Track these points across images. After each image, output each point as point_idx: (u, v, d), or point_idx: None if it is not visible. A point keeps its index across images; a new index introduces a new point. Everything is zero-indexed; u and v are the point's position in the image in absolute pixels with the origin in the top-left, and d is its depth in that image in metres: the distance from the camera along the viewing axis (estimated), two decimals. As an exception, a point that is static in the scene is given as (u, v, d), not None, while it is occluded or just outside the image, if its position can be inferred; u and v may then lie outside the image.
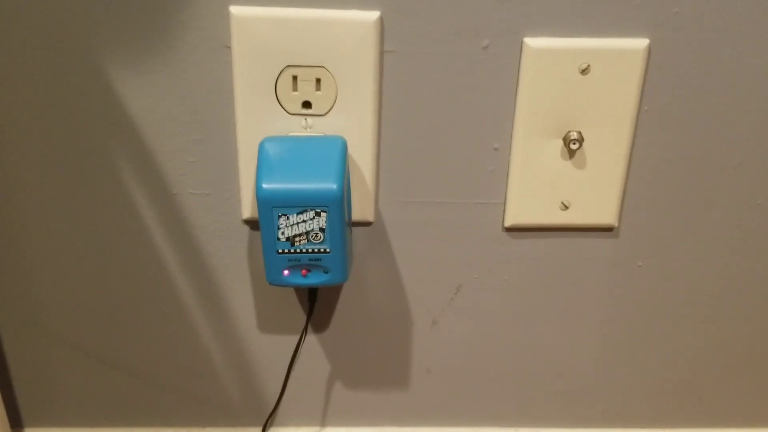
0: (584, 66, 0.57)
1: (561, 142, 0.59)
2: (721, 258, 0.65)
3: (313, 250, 0.56)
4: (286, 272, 0.58)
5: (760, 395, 0.72)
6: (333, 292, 0.65)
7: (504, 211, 0.62)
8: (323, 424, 0.72)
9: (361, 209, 0.61)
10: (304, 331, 0.66)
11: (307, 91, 0.57)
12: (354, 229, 0.63)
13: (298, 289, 0.65)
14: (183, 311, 0.65)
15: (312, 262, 0.57)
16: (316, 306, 0.66)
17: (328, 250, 0.56)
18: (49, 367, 0.68)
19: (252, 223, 0.62)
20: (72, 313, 0.65)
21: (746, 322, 0.68)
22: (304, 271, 0.58)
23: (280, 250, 0.55)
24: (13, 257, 0.62)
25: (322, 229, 0.55)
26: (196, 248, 0.63)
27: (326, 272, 0.58)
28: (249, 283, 0.64)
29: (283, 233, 0.55)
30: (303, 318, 0.66)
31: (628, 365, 0.70)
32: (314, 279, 0.59)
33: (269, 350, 0.67)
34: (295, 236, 0.55)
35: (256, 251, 0.63)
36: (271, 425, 0.72)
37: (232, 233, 0.62)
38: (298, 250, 0.56)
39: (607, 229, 0.63)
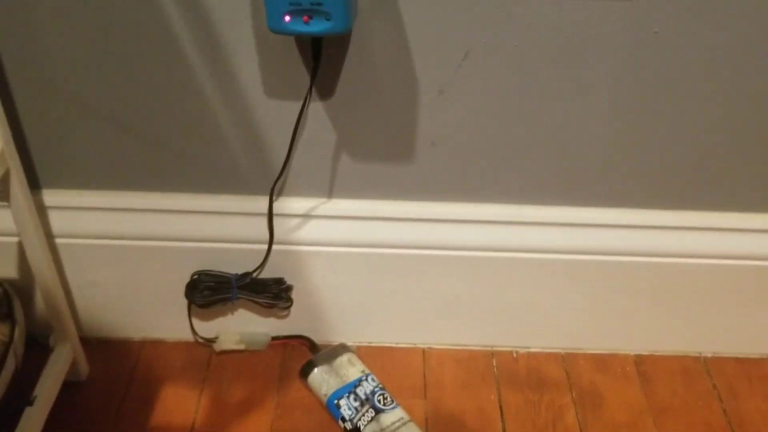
0: None
1: None
2: (741, 25, 0.62)
3: (314, -11, 0.55)
4: (287, 18, 0.57)
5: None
6: (337, 56, 0.64)
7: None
8: (330, 195, 0.74)
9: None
10: (309, 92, 0.66)
11: None
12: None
13: (303, 48, 0.64)
14: (188, 70, 0.65)
15: (313, 6, 0.56)
16: (320, 72, 0.65)
17: (329, -10, 0.55)
18: (63, 129, 0.69)
19: (254, -26, 0.60)
20: (82, 72, 0.65)
21: (764, 98, 0.66)
22: (305, 18, 0.57)
23: (281, -11, 0.54)
24: (22, 14, 0.62)
25: (322, -33, 0.54)
26: (200, 2, 0.62)
27: (328, 19, 0.57)
28: (253, 40, 0.64)
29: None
30: (307, 82, 0.66)
31: (637, 143, 0.69)
32: (316, 27, 0.58)
33: (275, 115, 0.68)
34: (294, -25, 0.54)
35: (259, 6, 0.62)
36: (279, 196, 0.74)
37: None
38: (298, -10, 0.55)
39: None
